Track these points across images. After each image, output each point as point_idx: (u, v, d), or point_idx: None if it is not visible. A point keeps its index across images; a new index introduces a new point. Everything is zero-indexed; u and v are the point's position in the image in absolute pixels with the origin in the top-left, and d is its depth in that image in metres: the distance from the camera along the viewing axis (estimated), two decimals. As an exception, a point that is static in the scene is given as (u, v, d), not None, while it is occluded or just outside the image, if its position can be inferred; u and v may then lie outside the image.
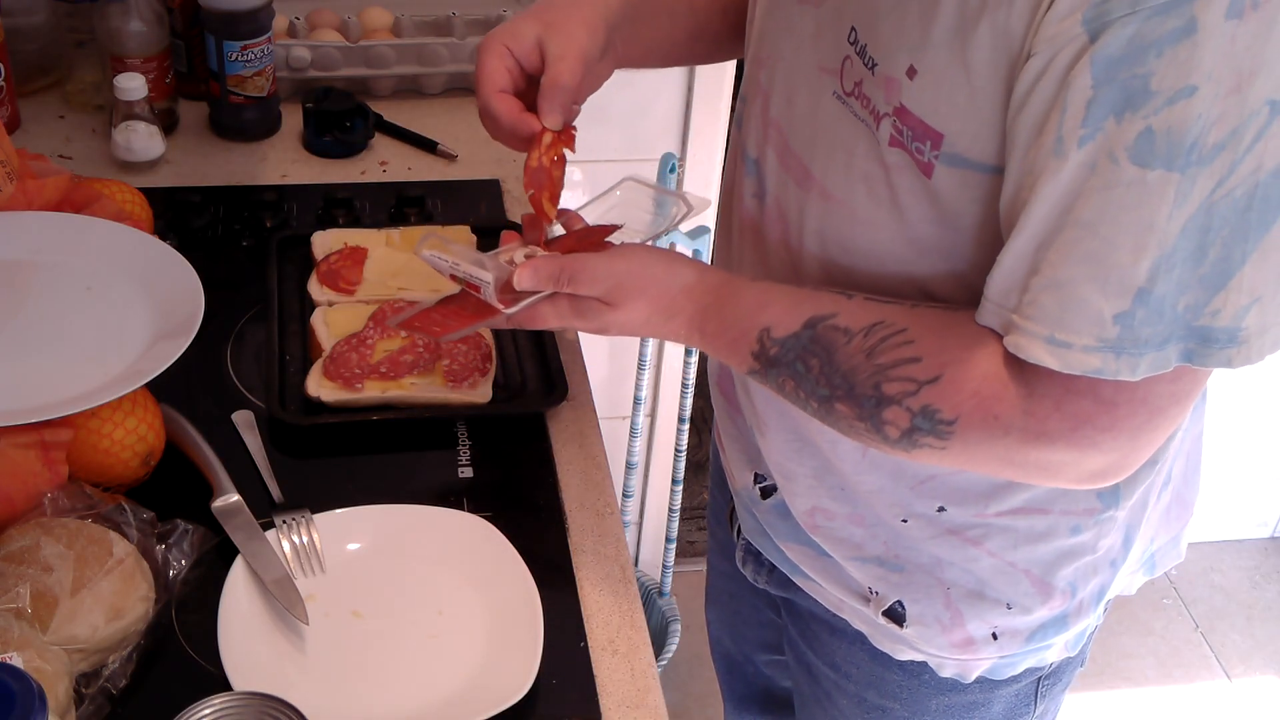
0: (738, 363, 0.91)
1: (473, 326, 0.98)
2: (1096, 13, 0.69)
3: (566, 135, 1.00)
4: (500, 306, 0.93)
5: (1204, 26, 0.67)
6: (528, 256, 0.94)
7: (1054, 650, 1.04)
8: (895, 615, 1.02)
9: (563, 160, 0.99)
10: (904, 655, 1.05)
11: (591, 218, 1.00)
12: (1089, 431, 0.77)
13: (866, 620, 1.05)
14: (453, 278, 0.95)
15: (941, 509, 0.96)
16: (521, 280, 0.92)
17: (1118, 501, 0.96)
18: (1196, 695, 2.40)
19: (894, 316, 0.83)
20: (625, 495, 2.21)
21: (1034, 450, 0.80)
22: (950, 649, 1.02)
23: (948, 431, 0.81)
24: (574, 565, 1.04)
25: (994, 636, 1.00)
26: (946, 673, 1.04)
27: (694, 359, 2.09)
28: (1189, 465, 1.08)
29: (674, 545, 2.30)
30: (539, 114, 0.98)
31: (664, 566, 2.31)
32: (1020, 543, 0.96)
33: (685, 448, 2.19)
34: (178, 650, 0.94)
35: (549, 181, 0.98)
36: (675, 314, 0.92)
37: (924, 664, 1.05)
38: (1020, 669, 1.04)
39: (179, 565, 0.96)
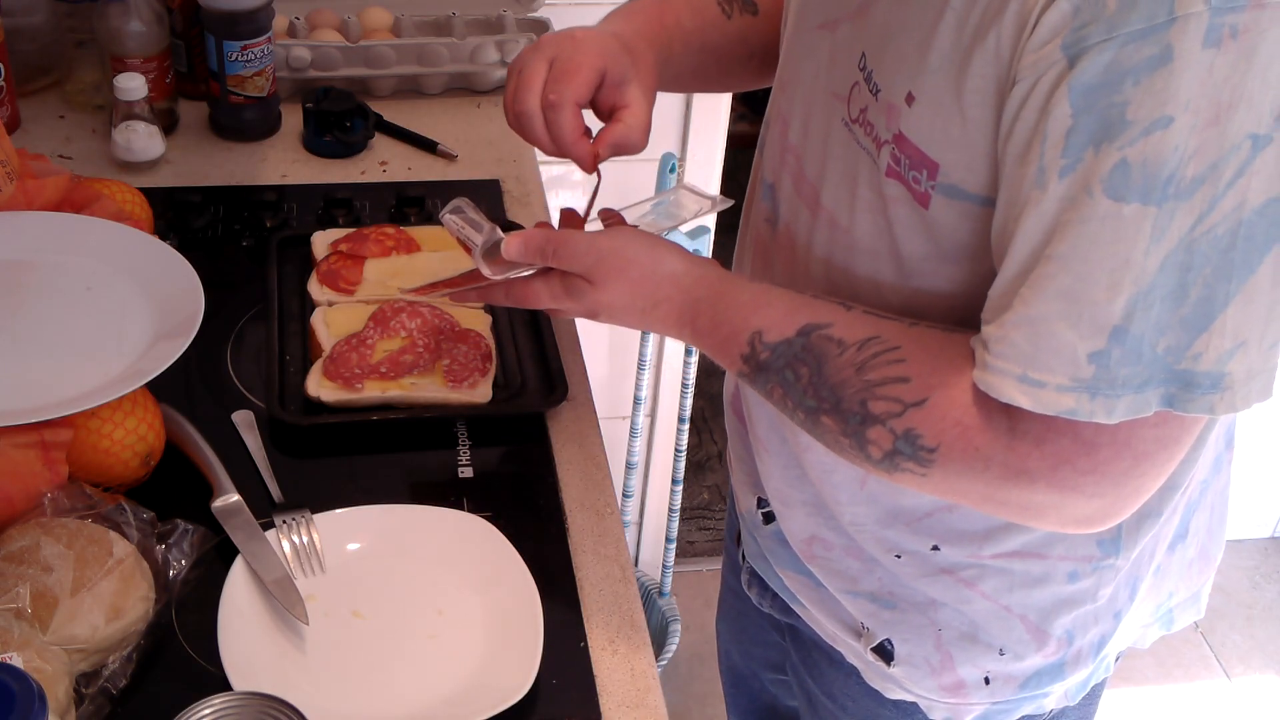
0: (728, 363, 0.89)
1: (461, 288, 1.00)
2: (1075, 38, 0.68)
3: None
4: (488, 270, 0.94)
5: (1180, 55, 0.65)
6: None
7: (1052, 699, 1.02)
8: (884, 653, 1.00)
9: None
10: (894, 694, 1.03)
11: (631, 218, 1.00)
12: (1069, 473, 0.75)
13: (858, 655, 1.04)
14: (457, 239, 0.97)
15: (935, 548, 0.94)
16: (509, 249, 0.92)
17: (1118, 550, 0.94)
18: (1196, 695, 2.40)
19: (890, 333, 0.81)
20: (625, 495, 2.21)
21: (1015, 488, 0.77)
22: (940, 692, 1.00)
23: (928, 458, 0.79)
24: (574, 565, 1.04)
25: (986, 681, 0.99)
26: (937, 715, 1.03)
27: (694, 359, 2.09)
28: (1214, 519, 1.05)
29: (674, 545, 2.30)
30: (596, 150, 0.98)
31: (664, 566, 2.32)
32: (1016, 586, 0.94)
33: (685, 448, 2.19)
34: (178, 650, 0.94)
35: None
36: (660, 301, 0.90)
37: (915, 705, 1.03)
38: (1016, 716, 1.02)
39: (179, 565, 0.96)
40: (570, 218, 1.00)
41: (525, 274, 0.94)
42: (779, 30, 1.07)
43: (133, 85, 1.39)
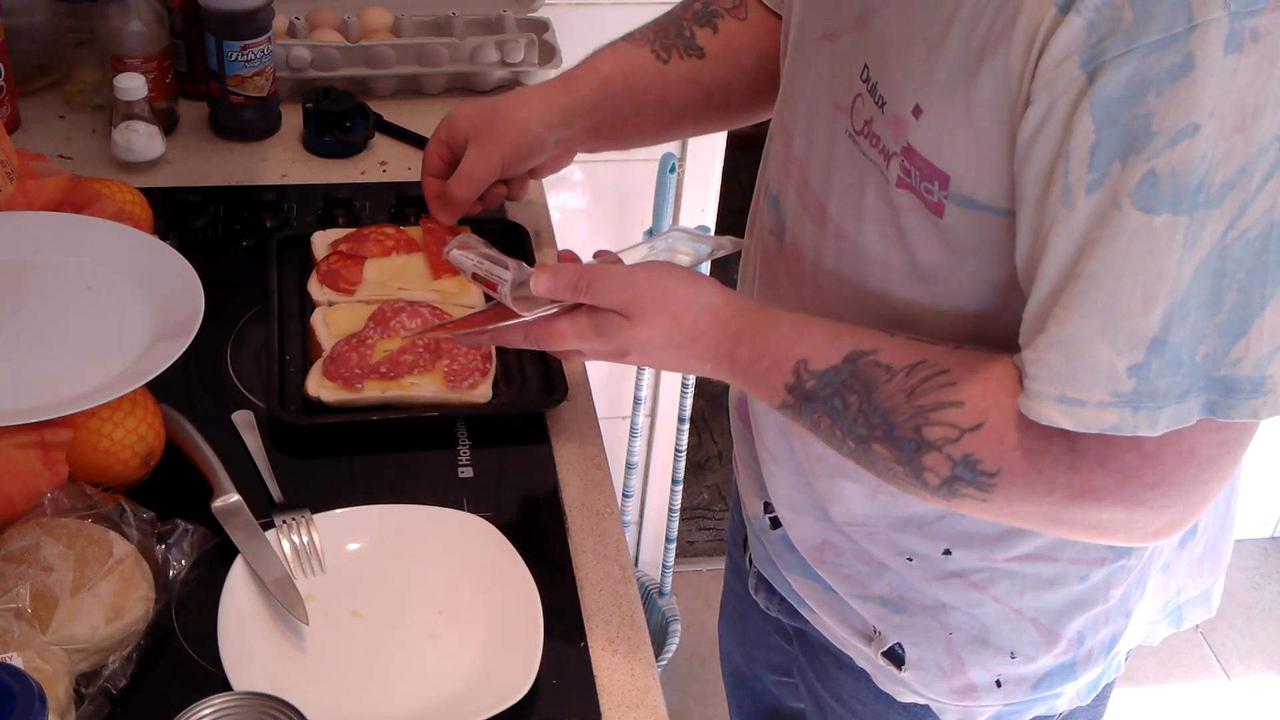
0: (769, 395, 0.87)
1: (484, 328, 0.97)
2: (1093, 53, 0.67)
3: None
4: (515, 309, 0.92)
5: (1202, 62, 0.65)
6: None
7: (1064, 699, 1.02)
8: (895, 657, 1.00)
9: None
10: (905, 698, 1.03)
11: (630, 260, 0.98)
12: (1136, 489, 0.74)
13: (868, 659, 1.04)
14: (474, 277, 0.96)
15: (947, 551, 0.94)
16: (539, 284, 0.90)
17: (1129, 550, 0.93)
18: (1196, 695, 2.40)
19: (937, 357, 0.80)
20: (625, 495, 2.21)
21: (1081, 509, 0.76)
22: (951, 695, 1.00)
23: (989, 483, 0.78)
24: (574, 565, 1.04)
25: (997, 684, 0.98)
26: (949, 718, 1.02)
27: (694, 359, 2.08)
28: (1226, 515, 1.05)
29: (674, 545, 2.30)
30: (436, 207, 1.19)
31: (664, 566, 2.32)
32: (1027, 589, 0.94)
33: (685, 448, 2.19)
34: (178, 650, 0.94)
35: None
36: (700, 335, 0.88)
37: (927, 708, 1.03)
38: (1028, 717, 1.02)
39: (179, 565, 0.96)
40: (571, 257, 0.99)
41: (548, 312, 0.92)
42: (739, 70, 1.10)
43: (133, 85, 1.39)
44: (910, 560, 0.96)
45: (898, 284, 0.85)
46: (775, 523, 1.07)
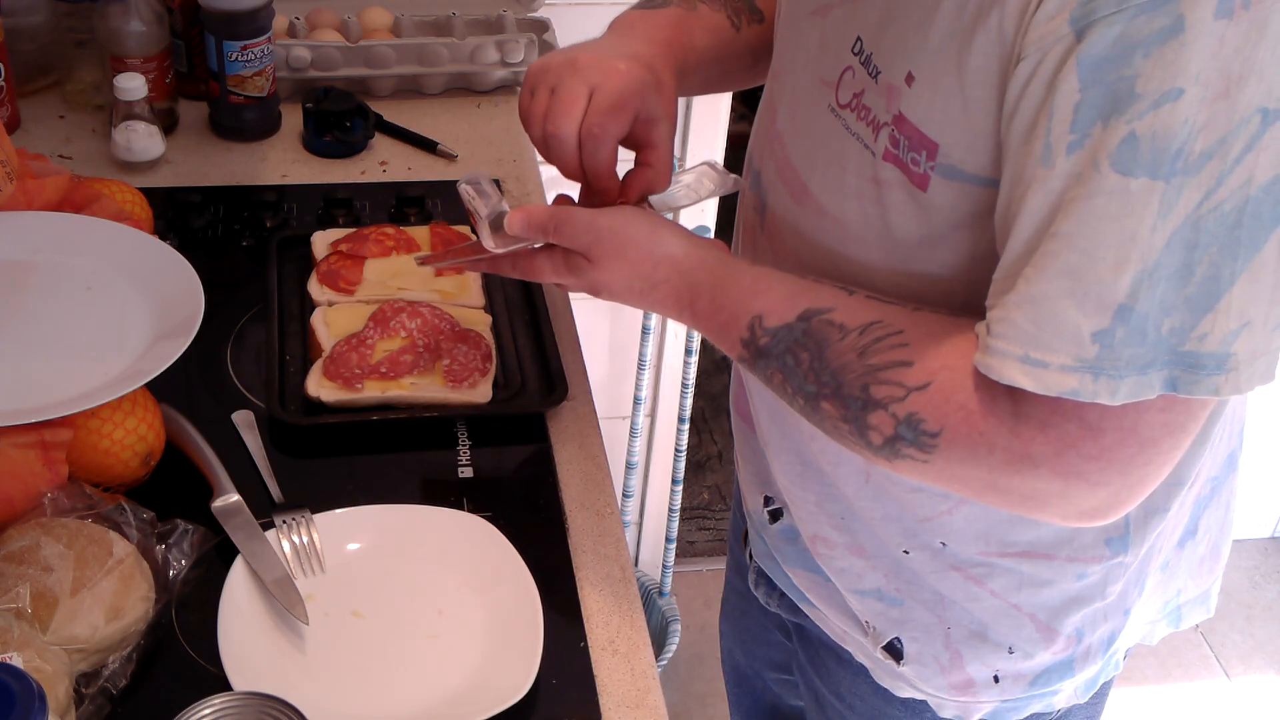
0: (727, 347, 0.89)
1: (466, 259, 1.02)
2: (1083, 11, 0.67)
3: None
4: (489, 243, 0.95)
5: (1192, 26, 0.65)
6: None
7: (1061, 696, 1.01)
8: (894, 651, 1.00)
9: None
10: (904, 692, 1.03)
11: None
12: (1074, 459, 0.73)
13: (867, 654, 1.04)
14: (467, 210, 0.98)
15: (943, 544, 0.94)
16: (512, 224, 0.92)
17: (1127, 548, 0.93)
18: (1196, 695, 2.40)
19: (892, 317, 0.80)
20: (625, 495, 2.21)
21: (1018, 475, 0.75)
22: (949, 690, 1.00)
23: (931, 444, 0.77)
24: (574, 565, 1.04)
25: (995, 679, 0.98)
26: (947, 713, 1.02)
27: (694, 359, 2.09)
28: (1226, 516, 1.05)
29: (674, 545, 2.30)
30: (627, 196, 0.97)
31: (664, 566, 2.32)
32: (1024, 585, 0.93)
33: (685, 448, 2.19)
34: (178, 650, 0.94)
35: None
36: (658, 283, 0.90)
37: (924, 703, 1.03)
38: (1025, 714, 1.02)
39: (179, 565, 0.96)
40: (565, 201, 1.00)
41: (533, 247, 0.94)
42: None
43: (133, 85, 1.39)
44: (907, 553, 0.96)
45: (875, 259, 0.85)
46: (775, 516, 1.07)
